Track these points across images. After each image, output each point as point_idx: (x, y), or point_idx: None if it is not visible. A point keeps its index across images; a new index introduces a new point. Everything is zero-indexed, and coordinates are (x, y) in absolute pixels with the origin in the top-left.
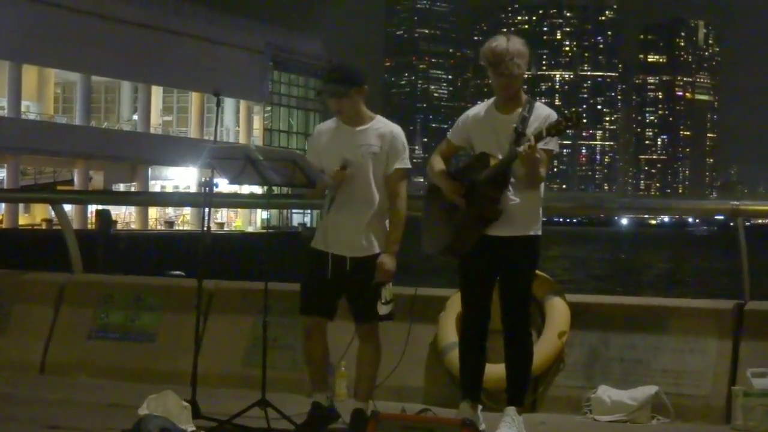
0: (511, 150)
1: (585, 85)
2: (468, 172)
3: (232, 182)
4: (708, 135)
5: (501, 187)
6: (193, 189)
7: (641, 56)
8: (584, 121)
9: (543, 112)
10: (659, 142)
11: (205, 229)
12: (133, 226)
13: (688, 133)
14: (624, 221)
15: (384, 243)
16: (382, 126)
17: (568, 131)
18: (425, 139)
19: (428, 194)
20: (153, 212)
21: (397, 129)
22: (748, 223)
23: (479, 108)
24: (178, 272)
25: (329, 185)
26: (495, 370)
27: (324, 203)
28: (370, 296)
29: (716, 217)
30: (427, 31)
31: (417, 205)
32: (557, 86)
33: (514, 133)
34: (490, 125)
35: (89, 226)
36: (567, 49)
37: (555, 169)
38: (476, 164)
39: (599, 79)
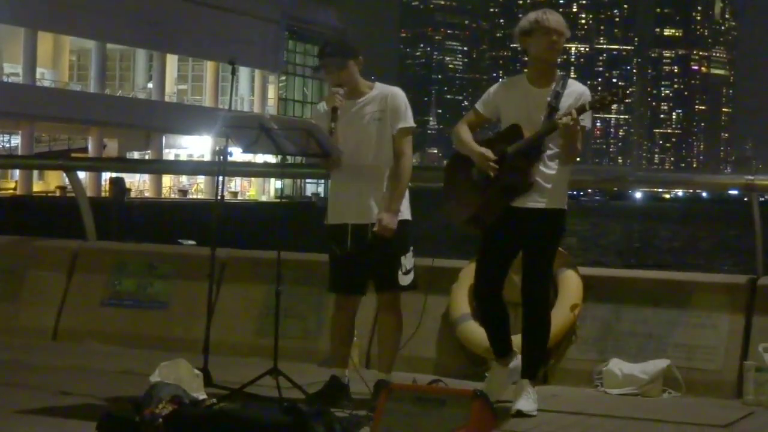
0: (550, 123)
1: (601, 58)
2: (497, 143)
3: (246, 151)
4: (723, 109)
5: (533, 159)
6: (207, 157)
7: (657, 30)
8: (628, 100)
9: (577, 89)
10: (674, 116)
11: (219, 197)
12: (147, 194)
13: (703, 107)
14: (638, 195)
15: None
16: (381, 91)
17: (612, 105)
18: (440, 111)
19: (451, 163)
20: (167, 180)
21: (396, 90)
22: (762, 198)
23: (510, 81)
24: (190, 242)
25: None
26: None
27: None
28: (390, 265)
29: (730, 192)
30: (442, 2)
31: (431, 176)
32: (573, 59)
33: (548, 108)
34: (523, 98)
35: (103, 194)
36: (583, 21)
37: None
38: (507, 136)
39: (615, 52)
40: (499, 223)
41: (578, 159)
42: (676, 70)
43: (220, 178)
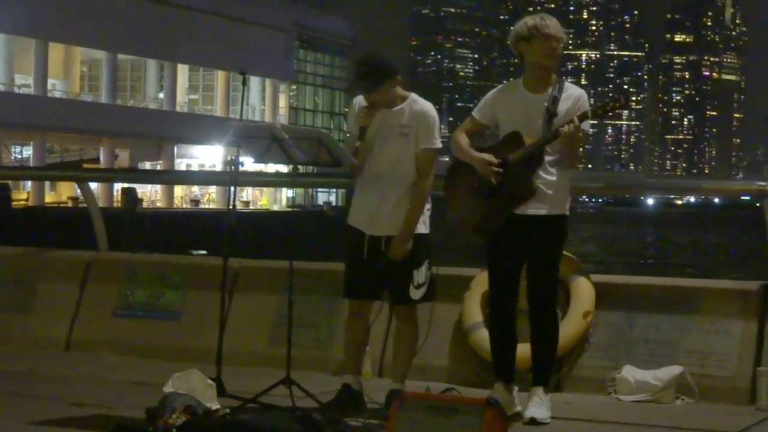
0: (552, 131)
1: (611, 64)
2: (498, 150)
3: (257, 161)
4: (734, 115)
5: (535, 166)
6: (219, 167)
7: (668, 36)
8: (631, 104)
9: (574, 92)
10: (686, 122)
11: (231, 207)
12: (158, 205)
13: (714, 113)
14: (650, 201)
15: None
16: (414, 105)
17: (614, 112)
18: (451, 119)
19: (452, 170)
20: (178, 190)
21: (427, 108)
22: None
23: (506, 87)
24: (201, 251)
25: (356, 166)
26: (521, 350)
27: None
28: (402, 279)
29: (742, 198)
30: (453, 10)
31: (440, 184)
32: (583, 66)
33: (546, 114)
34: (520, 104)
35: (115, 204)
36: (593, 28)
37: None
38: (508, 143)
39: (626, 58)
40: (502, 232)
41: (589, 164)
42: (687, 76)
43: (232, 188)
